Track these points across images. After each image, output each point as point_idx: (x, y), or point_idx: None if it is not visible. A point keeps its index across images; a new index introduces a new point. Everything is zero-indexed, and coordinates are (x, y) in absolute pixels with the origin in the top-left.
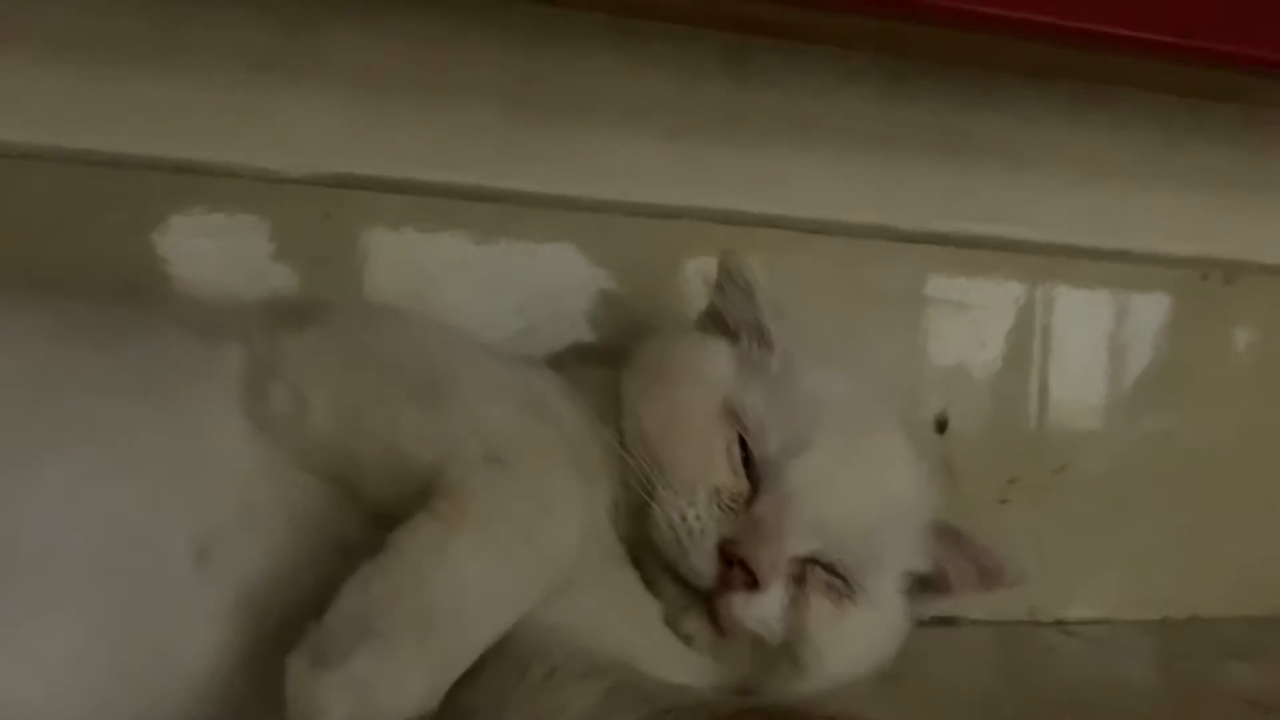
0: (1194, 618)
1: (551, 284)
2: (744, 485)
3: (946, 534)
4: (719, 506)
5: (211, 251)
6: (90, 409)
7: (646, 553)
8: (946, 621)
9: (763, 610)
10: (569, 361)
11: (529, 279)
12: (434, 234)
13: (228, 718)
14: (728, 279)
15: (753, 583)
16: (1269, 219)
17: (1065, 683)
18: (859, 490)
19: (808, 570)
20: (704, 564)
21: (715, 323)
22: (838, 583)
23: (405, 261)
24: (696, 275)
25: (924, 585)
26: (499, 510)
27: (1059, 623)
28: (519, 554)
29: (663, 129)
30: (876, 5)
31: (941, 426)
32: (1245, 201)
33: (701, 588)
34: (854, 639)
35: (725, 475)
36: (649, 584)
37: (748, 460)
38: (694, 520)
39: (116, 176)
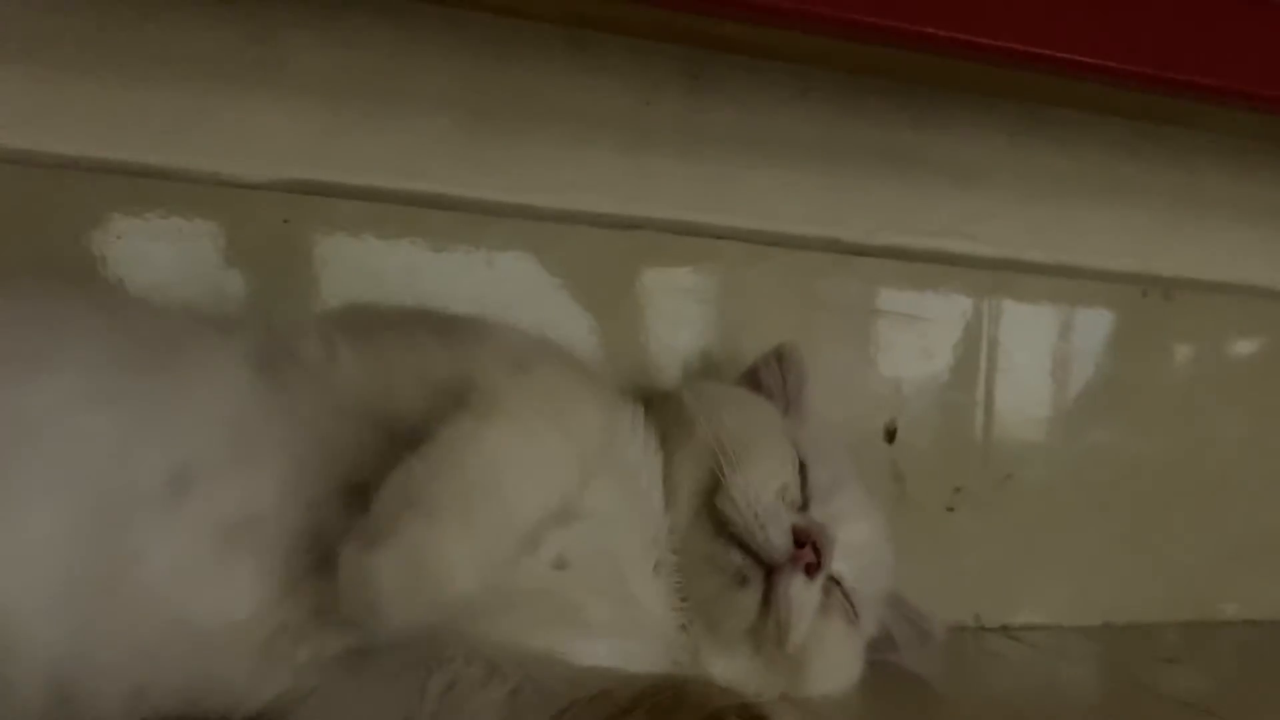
0: (1134, 624)
1: (509, 293)
2: (800, 496)
3: (891, 598)
4: (783, 501)
5: (168, 256)
6: (82, 348)
7: (705, 523)
8: None
9: (810, 600)
10: None
11: (486, 287)
12: (392, 241)
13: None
14: (781, 360)
15: (816, 566)
16: (1207, 237)
17: (1011, 687)
18: (876, 535)
19: (831, 589)
20: (781, 539)
21: (756, 385)
22: (849, 609)
23: (363, 268)
24: (653, 285)
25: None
26: (527, 401)
27: (1004, 628)
28: (548, 435)
29: (619, 141)
30: (827, 25)
31: (890, 436)
32: (1185, 220)
33: (770, 560)
34: (853, 660)
35: (791, 480)
36: (700, 557)
37: (804, 480)
38: (768, 501)
39: (73, 178)
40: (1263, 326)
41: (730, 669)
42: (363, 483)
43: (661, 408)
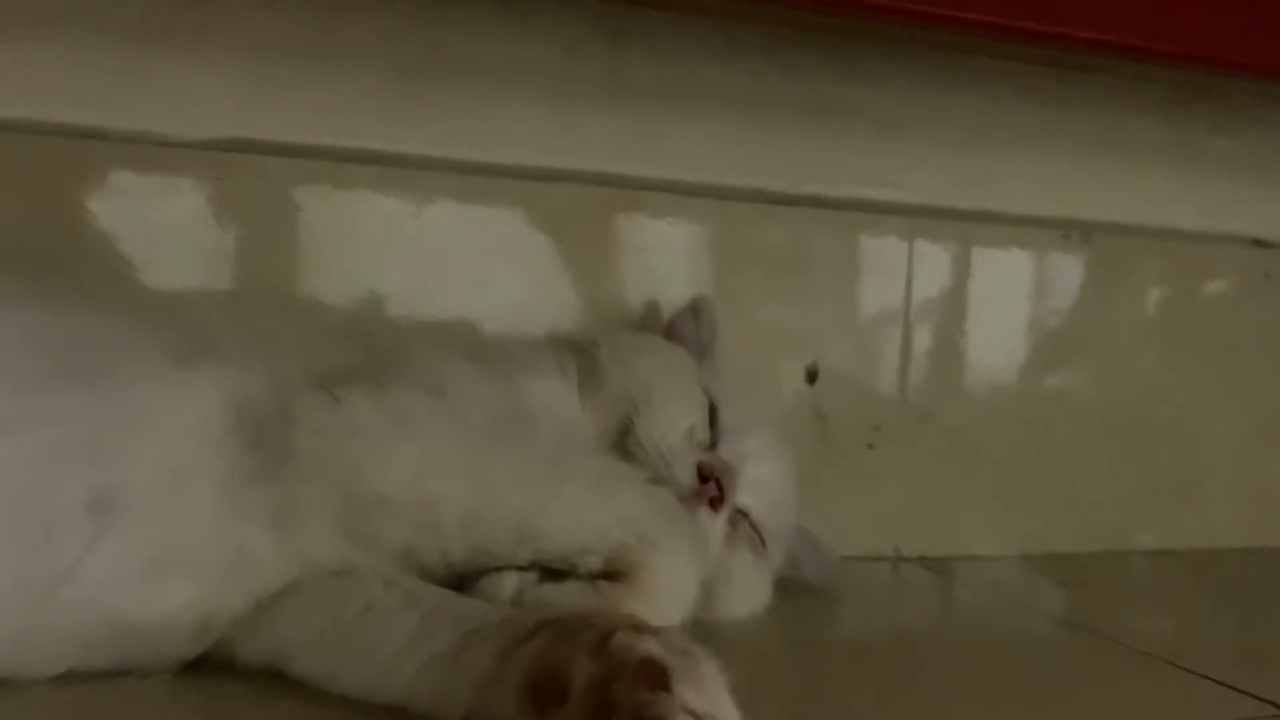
0: (1051, 554)
1: (436, 244)
2: (708, 437)
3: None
4: (690, 441)
5: (104, 215)
6: (4, 363)
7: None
8: None
9: (718, 530)
10: None
11: (414, 239)
12: (323, 196)
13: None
14: (695, 312)
15: (719, 500)
16: (1127, 181)
17: (927, 614)
18: (783, 472)
19: (739, 521)
20: (685, 475)
21: (673, 335)
22: (756, 540)
23: (295, 223)
24: (580, 237)
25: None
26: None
27: (922, 559)
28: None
29: (545, 95)
30: None
31: (812, 377)
32: (1105, 165)
33: (676, 494)
34: (761, 588)
35: (700, 422)
36: None
37: (713, 422)
38: (674, 442)
39: (9, 140)
40: (1181, 269)
41: None
42: None
43: (582, 357)
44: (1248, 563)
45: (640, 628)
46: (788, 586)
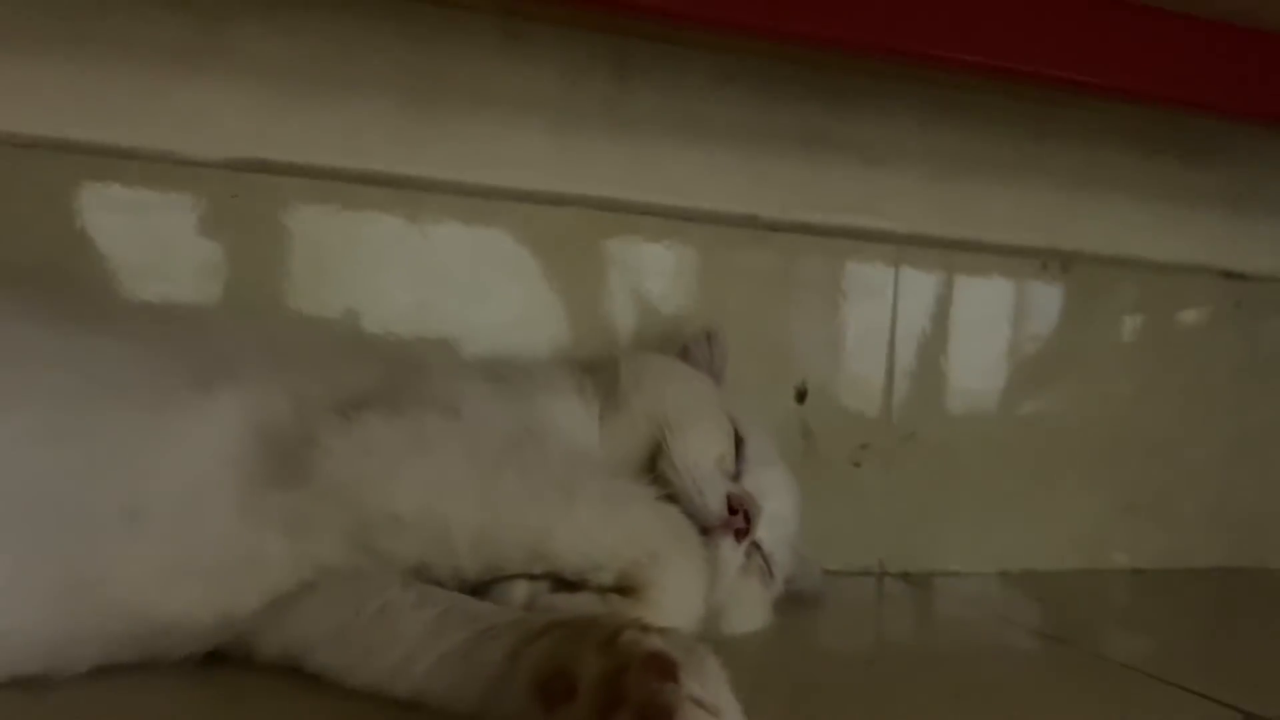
0: (1028, 571)
1: (442, 263)
2: (734, 467)
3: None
4: (720, 470)
5: (124, 230)
6: (43, 383)
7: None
8: None
9: (735, 560)
10: None
11: (421, 258)
12: (334, 216)
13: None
14: (710, 339)
15: (745, 532)
16: (1105, 214)
17: (908, 627)
18: (795, 509)
19: (753, 553)
20: (717, 505)
21: (686, 358)
22: (766, 572)
23: (307, 240)
24: (579, 258)
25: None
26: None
27: (905, 574)
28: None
29: (548, 123)
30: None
31: (801, 396)
32: (1082, 198)
33: (705, 522)
34: (764, 613)
35: (728, 451)
36: None
37: (738, 452)
38: (708, 470)
39: (37, 157)
40: (1155, 298)
41: None
42: None
43: (600, 375)
44: (1218, 581)
45: (646, 628)
46: (778, 600)
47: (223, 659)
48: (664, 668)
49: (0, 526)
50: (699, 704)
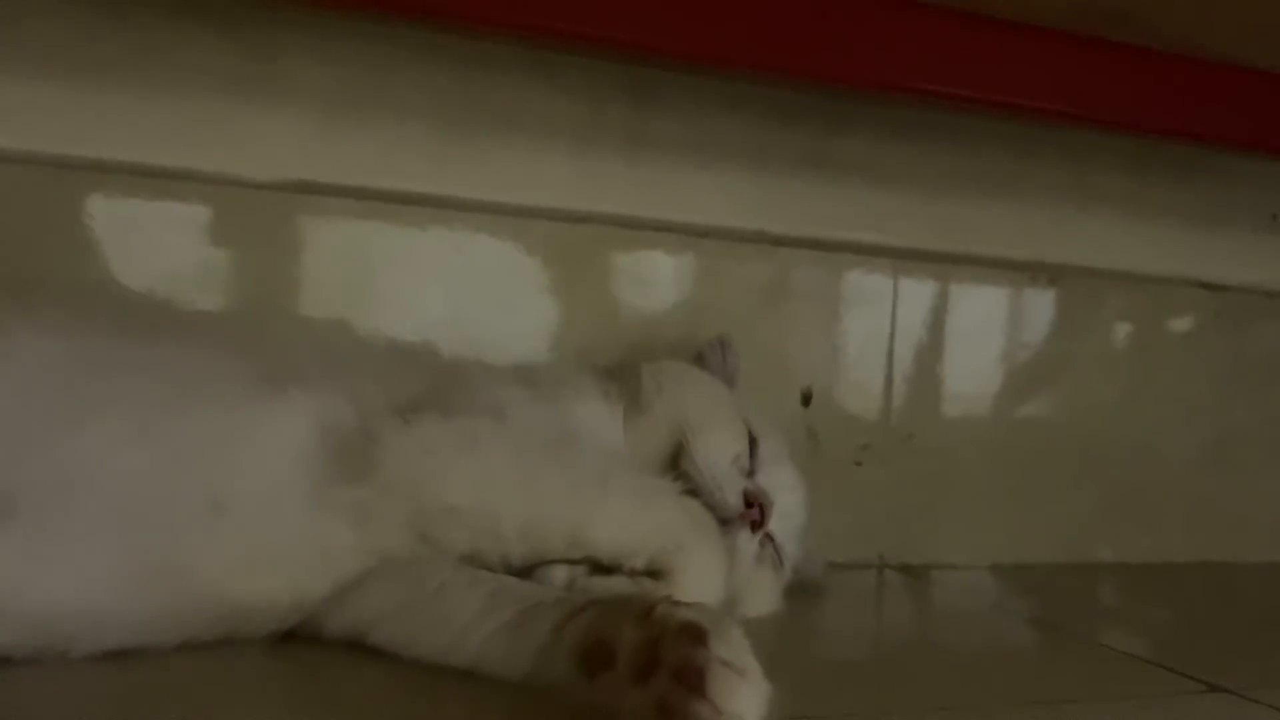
0: (1019, 564)
1: (476, 276)
2: (749, 465)
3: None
4: (736, 468)
5: (185, 246)
6: (126, 391)
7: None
8: None
9: (750, 550)
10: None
11: (456, 271)
12: (375, 232)
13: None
14: (723, 346)
15: (759, 524)
16: (1089, 229)
17: (907, 615)
18: (804, 504)
19: (766, 543)
20: (734, 499)
21: (701, 364)
22: (778, 561)
23: (351, 256)
24: (600, 270)
25: None
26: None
27: (904, 567)
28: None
29: (570, 146)
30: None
31: (806, 400)
32: (1069, 214)
33: (723, 515)
34: (775, 599)
35: (744, 451)
36: None
37: (752, 452)
38: (726, 468)
39: (104, 179)
40: (1139, 309)
41: None
42: None
43: (623, 381)
44: (1196, 575)
45: (677, 603)
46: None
47: (292, 634)
48: (695, 635)
49: (100, 521)
50: (726, 665)
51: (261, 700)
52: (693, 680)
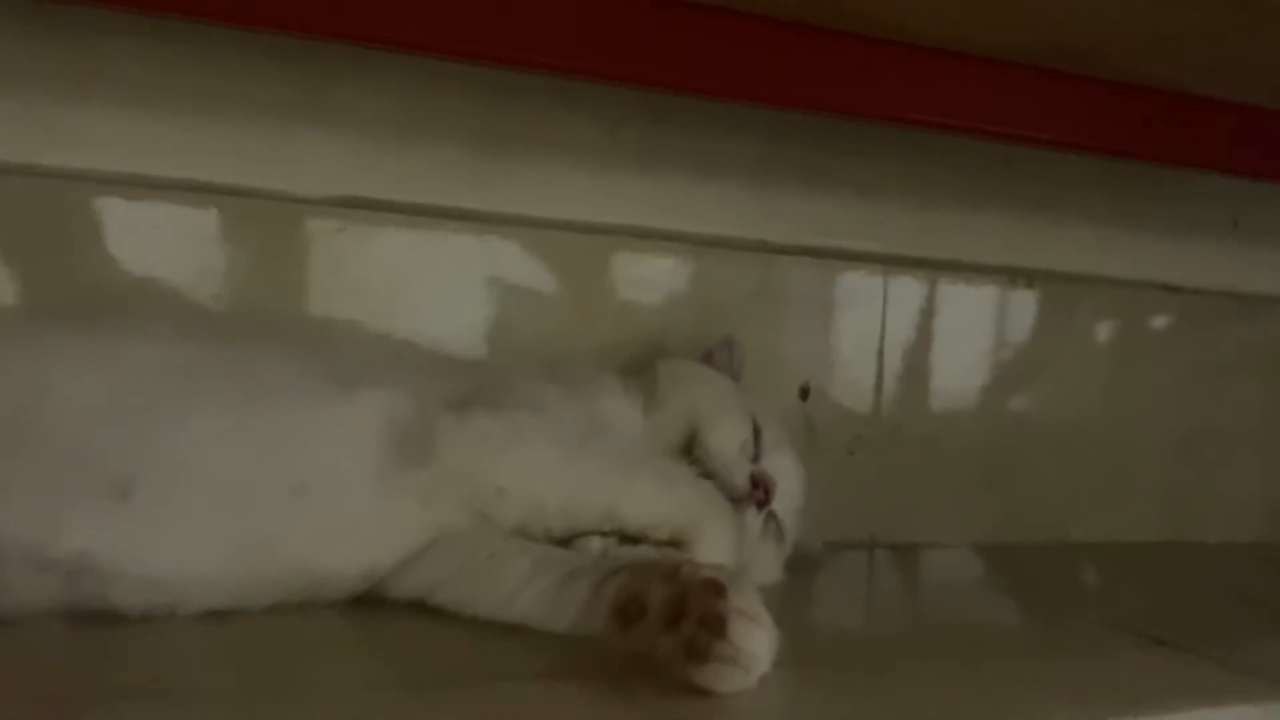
0: (999, 544)
1: (507, 280)
2: (754, 452)
3: None
4: (743, 454)
5: (250, 259)
6: (217, 391)
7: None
8: None
9: (756, 525)
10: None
11: (490, 277)
12: (420, 243)
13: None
14: (730, 345)
15: (765, 502)
16: (1065, 237)
17: (896, 590)
18: (803, 485)
19: (769, 520)
20: (742, 481)
21: (709, 362)
22: (780, 536)
23: (397, 264)
24: (617, 277)
25: None
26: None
27: (893, 546)
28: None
29: (591, 164)
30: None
31: (805, 394)
32: (1047, 223)
33: (733, 495)
34: (777, 570)
35: (749, 439)
36: None
37: (756, 440)
38: (734, 454)
39: (179, 197)
40: (1111, 310)
41: None
42: None
43: (641, 378)
44: (1161, 553)
45: (699, 564)
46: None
47: (361, 598)
48: (716, 589)
49: (203, 501)
50: (743, 613)
51: (336, 652)
52: (715, 626)
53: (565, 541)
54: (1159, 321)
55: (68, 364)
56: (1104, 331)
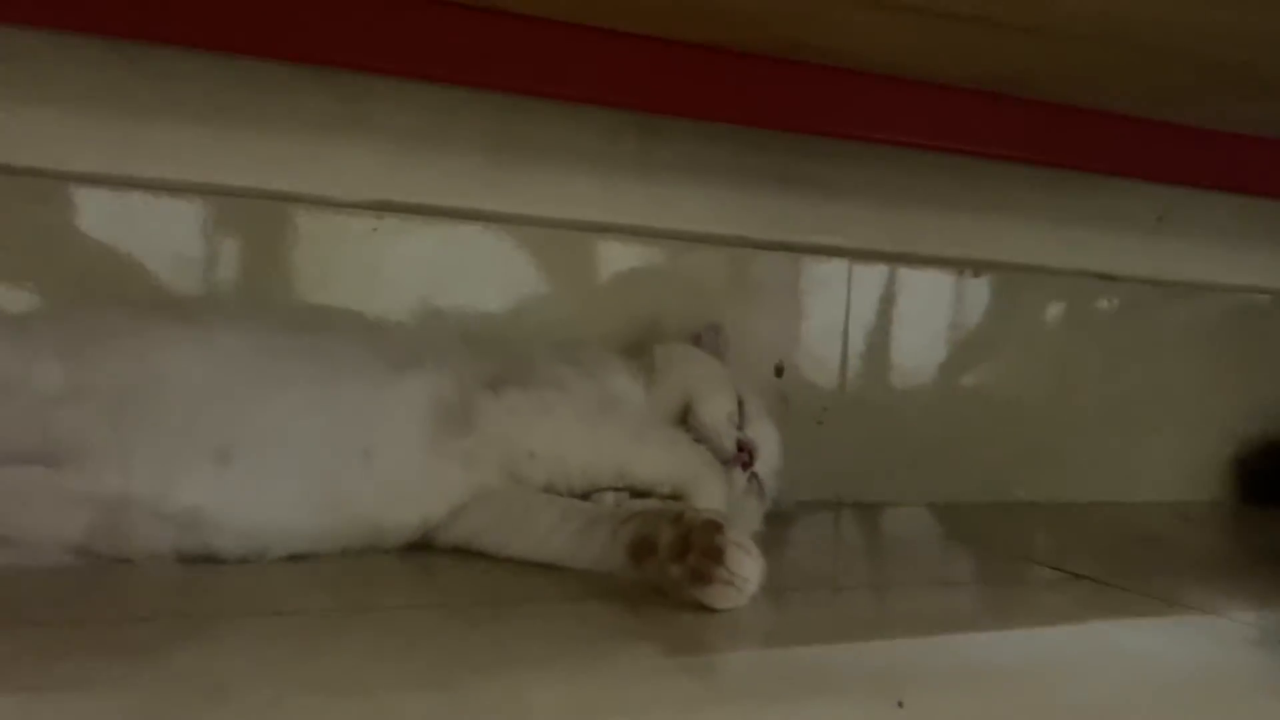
0: (950, 503)
1: (520, 274)
2: (739, 421)
3: None
4: (730, 423)
5: (294, 258)
6: (300, 372)
7: None
8: None
9: (741, 484)
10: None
11: (505, 271)
12: (445, 241)
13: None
14: (716, 330)
15: (748, 464)
16: (1010, 232)
17: (858, 544)
18: (779, 450)
19: (752, 479)
20: (730, 446)
21: (701, 345)
22: (761, 493)
23: (426, 259)
24: (617, 269)
25: None
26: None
27: (856, 504)
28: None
29: (592, 169)
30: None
31: (779, 372)
32: (993, 220)
33: (722, 458)
34: (758, 522)
35: (734, 410)
36: None
37: (740, 411)
38: (723, 423)
39: (231, 203)
40: (1051, 296)
41: None
42: None
43: (641, 359)
44: (1094, 511)
45: (698, 510)
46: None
47: (413, 545)
48: (715, 526)
49: (288, 466)
50: (738, 545)
51: (395, 587)
52: (716, 555)
53: (584, 496)
54: (1095, 306)
55: (176, 352)
56: (1046, 315)
